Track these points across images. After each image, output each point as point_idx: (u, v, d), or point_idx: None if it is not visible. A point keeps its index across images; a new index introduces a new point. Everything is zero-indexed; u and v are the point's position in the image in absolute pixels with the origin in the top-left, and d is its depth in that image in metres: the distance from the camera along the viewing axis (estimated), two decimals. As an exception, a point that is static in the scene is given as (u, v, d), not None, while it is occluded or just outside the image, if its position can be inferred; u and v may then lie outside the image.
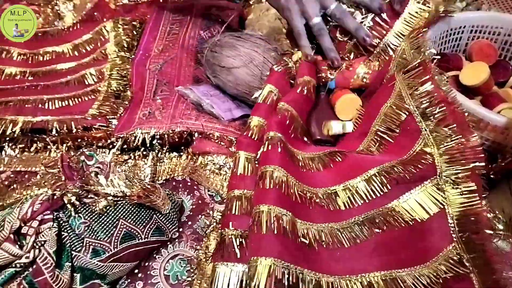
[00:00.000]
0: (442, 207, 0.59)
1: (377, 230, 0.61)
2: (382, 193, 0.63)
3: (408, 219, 0.60)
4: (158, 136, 0.81)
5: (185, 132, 0.81)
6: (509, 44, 0.85)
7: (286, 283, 0.53)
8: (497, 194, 0.71)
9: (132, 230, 0.62)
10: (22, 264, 0.54)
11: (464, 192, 0.57)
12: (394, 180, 0.62)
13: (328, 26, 0.82)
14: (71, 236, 0.59)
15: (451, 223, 0.57)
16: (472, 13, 0.92)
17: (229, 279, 0.58)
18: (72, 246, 0.59)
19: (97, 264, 0.59)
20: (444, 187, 0.59)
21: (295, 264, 0.56)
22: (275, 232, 0.57)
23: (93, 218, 0.61)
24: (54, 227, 0.58)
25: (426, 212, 0.59)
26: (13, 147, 0.85)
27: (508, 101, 0.77)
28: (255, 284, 0.52)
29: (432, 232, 0.58)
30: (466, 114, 0.62)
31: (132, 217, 0.63)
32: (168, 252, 0.68)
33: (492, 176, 0.70)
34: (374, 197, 0.63)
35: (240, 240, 0.61)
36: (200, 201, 0.75)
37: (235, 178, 0.69)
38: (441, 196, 0.59)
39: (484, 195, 0.59)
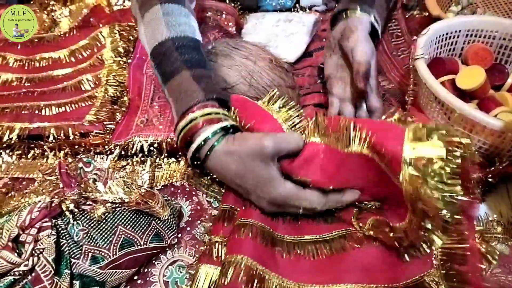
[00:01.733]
0: None
1: (356, 246, 0.62)
2: None
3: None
4: (156, 144, 0.81)
5: (183, 139, 0.80)
6: (505, 47, 0.86)
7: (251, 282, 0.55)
8: (495, 197, 0.71)
9: (131, 237, 0.62)
10: (20, 272, 0.54)
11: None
12: None
13: None
14: (70, 243, 0.59)
15: (434, 252, 0.58)
16: (467, 17, 0.92)
17: (211, 279, 0.60)
18: (71, 253, 0.59)
19: (96, 271, 0.59)
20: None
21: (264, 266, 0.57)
22: (250, 237, 0.60)
23: (92, 225, 0.60)
24: (53, 234, 0.57)
25: None
26: (10, 153, 0.85)
27: (504, 104, 0.77)
28: (224, 279, 0.55)
29: (413, 256, 0.58)
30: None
31: (131, 224, 0.62)
32: (167, 258, 0.67)
33: (490, 179, 0.70)
34: None
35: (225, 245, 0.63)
36: (198, 207, 0.75)
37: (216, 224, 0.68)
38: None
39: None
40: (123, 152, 0.82)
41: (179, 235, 0.70)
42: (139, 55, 1.02)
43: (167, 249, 0.68)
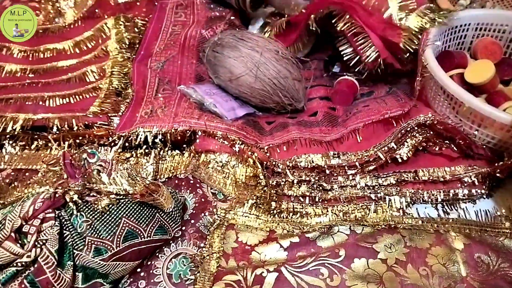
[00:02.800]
0: None
1: None
2: None
3: None
4: (160, 135, 0.80)
5: (187, 131, 0.80)
6: (515, 41, 0.84)
7: None
8: (503, 192, 0.70)
9: (135, 229, 0.61)
10: (23, 263, 0.54)
11: None
12: None
13: None
14: (73, 235, 0.59)
15: None
16: (476, 10, 0.91)
17: None
18: (74, 244, 0.58)
19: (99, 263, 0.58)
20: None
21: None
22: None
23: (95, 216, 0.60)
24: (56, 225, 0.57)
25: None
26: (14, 144, 0.85)
27: (513, 99, 0.76)
28: None
29: None
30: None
31: (135, 216, 0.62)
32: (171, 251, 0.67)
33: (498, 174, 0.69)
34: None
35: None
36: (203, 199, 0.74)
37: None
38: None
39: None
40: (127, 144, 0.81)
41: (183, 228, 0.70)
42: (144, 51, 1.01)
43: (171, 241, 0.68)
